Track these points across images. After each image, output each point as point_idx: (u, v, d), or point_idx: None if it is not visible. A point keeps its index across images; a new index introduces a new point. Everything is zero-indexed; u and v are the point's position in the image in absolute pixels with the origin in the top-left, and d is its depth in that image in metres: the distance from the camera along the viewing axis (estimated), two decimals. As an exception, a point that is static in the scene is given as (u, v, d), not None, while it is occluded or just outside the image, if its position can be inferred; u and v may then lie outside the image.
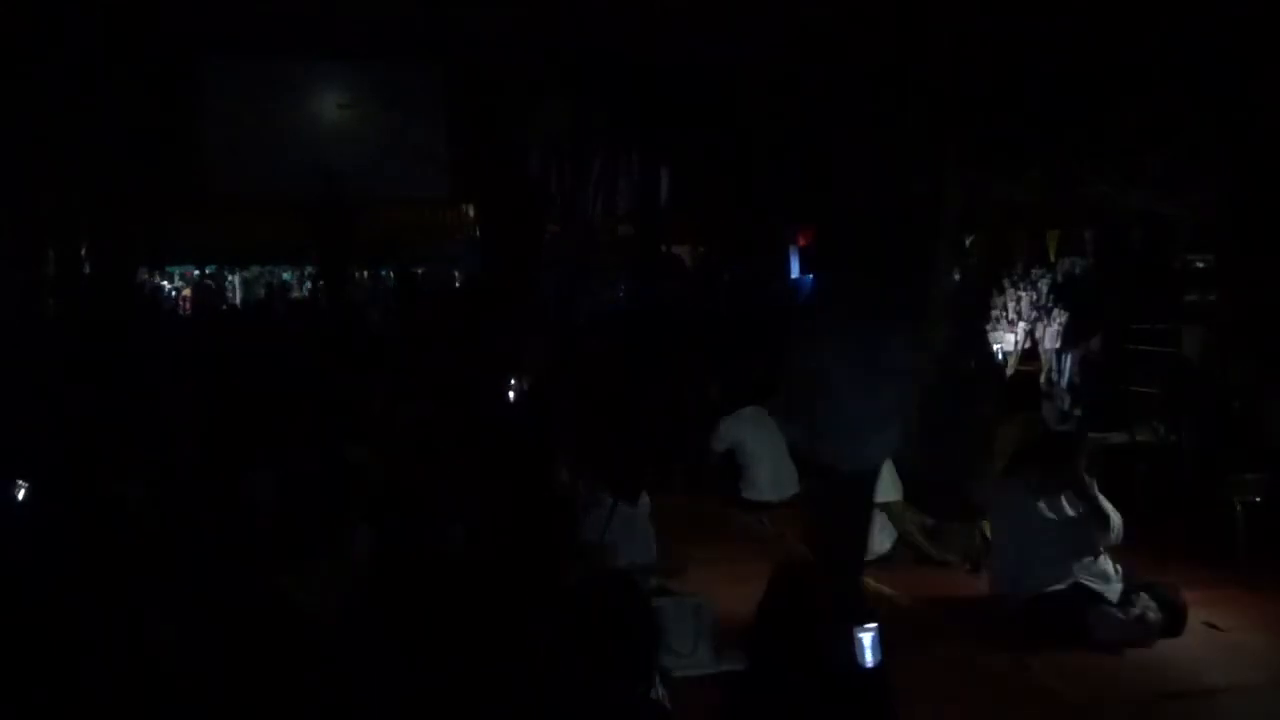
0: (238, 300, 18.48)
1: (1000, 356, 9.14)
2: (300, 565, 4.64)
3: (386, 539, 4.77)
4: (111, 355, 8.94)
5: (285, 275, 19.36)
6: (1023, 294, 9.12)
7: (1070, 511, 5.64)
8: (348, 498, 4.55)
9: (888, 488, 6.31)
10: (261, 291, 18.56)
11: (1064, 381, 9.34)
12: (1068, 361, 9.46)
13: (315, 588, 4.62)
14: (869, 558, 6.35)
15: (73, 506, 5.09)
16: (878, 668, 3.01)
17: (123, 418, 6.79)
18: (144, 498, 5.30)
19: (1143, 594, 5.53)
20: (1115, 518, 5.64)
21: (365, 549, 4.81)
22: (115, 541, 4.84)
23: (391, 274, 16.71)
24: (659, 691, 3.72)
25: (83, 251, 13.42)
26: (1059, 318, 9.05)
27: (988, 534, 6.15)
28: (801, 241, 16.22)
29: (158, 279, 17.71)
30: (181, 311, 17.09)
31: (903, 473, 6.74)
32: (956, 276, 10.05)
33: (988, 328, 9.21)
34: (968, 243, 10.16)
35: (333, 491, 4.79)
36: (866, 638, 2.98)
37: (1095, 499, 5.63)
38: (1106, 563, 5.62)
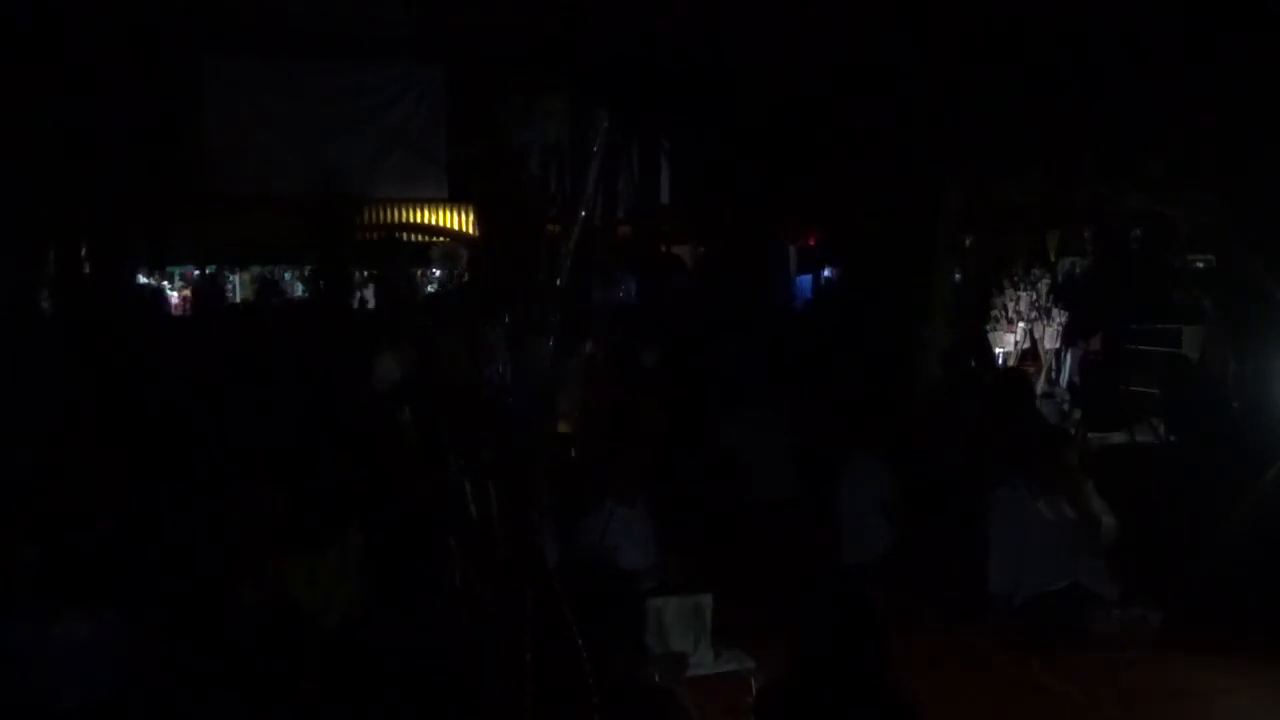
0: (238, 300, 18.46)
1: (1000, 358, 9.14)
2: (303, 564, 4.67)
3: (379, 539, 4.79)
4: (110, 356, 8.92)
5: (286, 275, 19.33)
6: (1022, 294, 9.11)
7: (1069, 512, 5.64)
8: (345, 499, 4.56)
9: None
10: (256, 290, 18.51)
11: (1064, 381, 9.32)
12: (1068, 361, 9.45)
13: (318, 586, 4.65)
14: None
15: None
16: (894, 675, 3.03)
17: (121, 420, 6.80)
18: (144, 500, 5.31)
19: (1142, 594, 5.53)
20: (1110, 521, 5.64)
21: (359, 549, 4.85)
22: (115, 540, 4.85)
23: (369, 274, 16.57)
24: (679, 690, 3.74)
25: (83, 252, 13.40)
26: (1059, 318, 9.03)
27: None
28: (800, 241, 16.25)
29: (158, 279, 17.69)
30: (181, 312, 17.06)
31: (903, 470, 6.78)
32: (957, 277, 10.07)
33: (987, 328, 9.21)
34: (968, 243, 10.17)
35: (332, 493, 4.81)
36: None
37: (1089, 503, 5.63)
38: (1106, 563, 5.62)
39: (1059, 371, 9.31)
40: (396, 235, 17.19)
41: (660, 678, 4.25)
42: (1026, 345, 9.12)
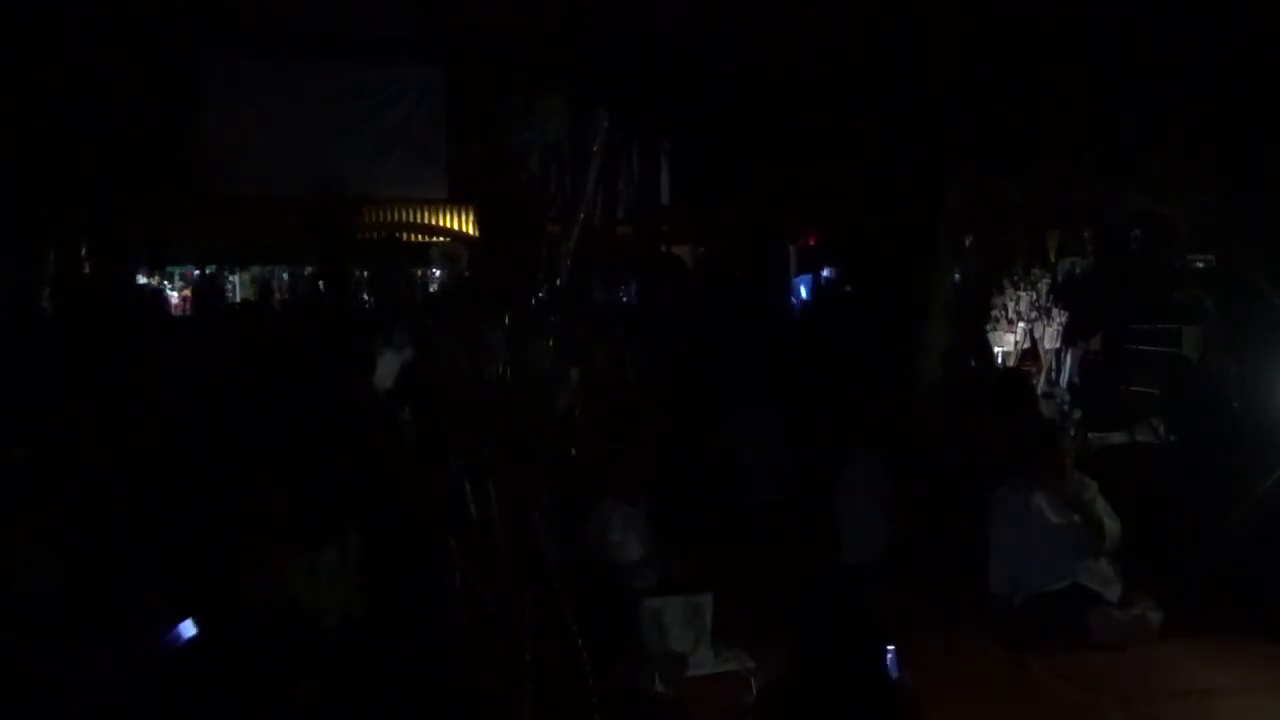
0: (238, 299, 18.46)
1: (1000, 357, 9.14)
2: (303, 564, 4.67)
3: (379, 539, 4.79)
4: (111, 356, 8.93)
5: (285, 275, 19.33)
6: (1022, 294, 9.11)
7: (1069, 512, 5.64)
8: (345, 498, 4.56)
9: None
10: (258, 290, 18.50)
11: (1064, 381, 9.33)
12: (1068, 361, 9.45)
13: (318, 585, 4.65)
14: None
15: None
16: (901, 683, 3.03)
17: (121, 421, 6.80)
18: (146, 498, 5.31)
19: (1142, 594, 5.53)
20: (1111, 523, 5.63)
21: (359, 549, 4.84)
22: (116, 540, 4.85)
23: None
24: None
25: (83, 252, 13.41)
26: (1059, 318, 9.03)
27: None
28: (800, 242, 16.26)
29: (158, 279, 17.69)
30: (181, 312, 17.07)
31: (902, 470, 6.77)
32: (957, 277, 10.07)
33: (987, 328, 9.21)
34: (968, 243, 10.17)
35: (332, 493, 4.81)
36: (890, 654, 3.02)
37: (1090, 504, 5.63)
38: (1106, 563, 5.61)
39: (1059, 371, 9.31)
40: (396, 235, 17.20)
41: (660, 678, 4.25)
42: (1026, 345, 9.12)
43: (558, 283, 3.14)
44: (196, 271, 18.53)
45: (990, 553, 5.77)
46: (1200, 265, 10.05)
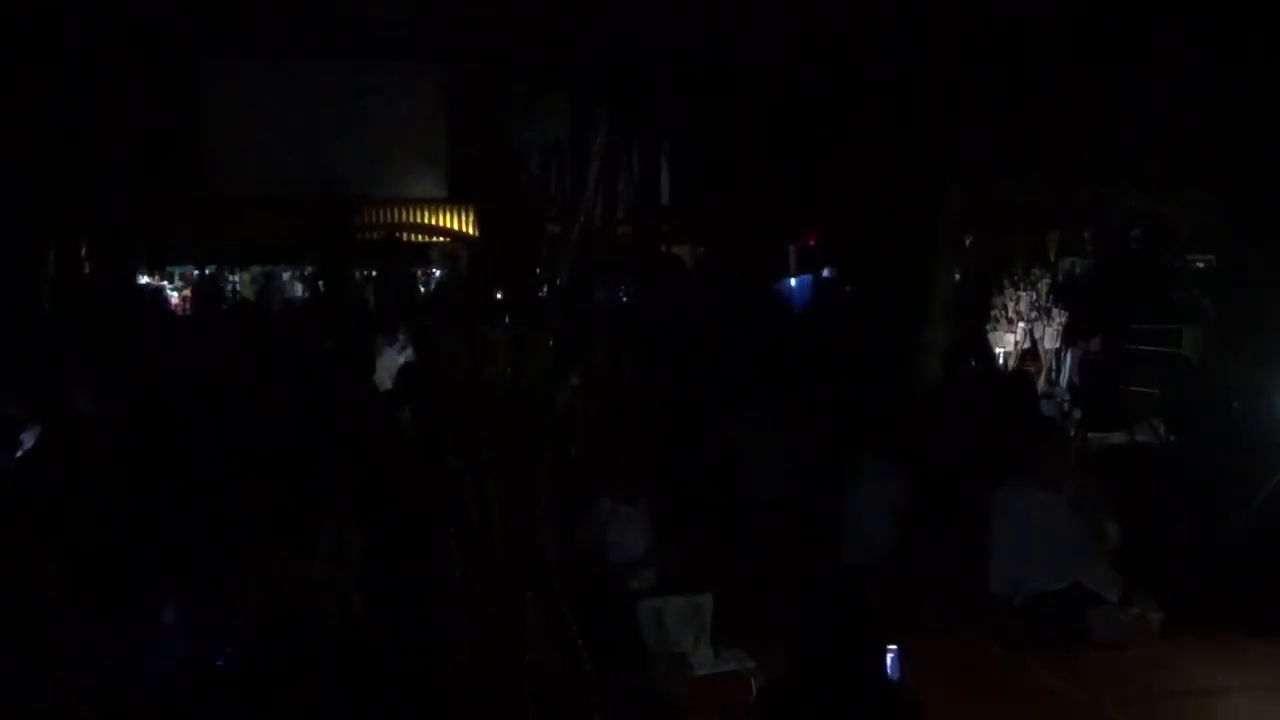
0: (239, 299, 18.45)
1: (1000, 357, 9.14)
2: (302, 564, 4.67)
3: (379, 539, 4.79)
4: (110, 356, 8.93)
5: (285, 275, 19.34)
6: (1022, 294, 9.11)
7: (1069, 512, 5.64)
8: (344, 498, 4.55)
9: None
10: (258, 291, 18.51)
11: (1064, 381, 9.32)
12: (1068, 361, 9.45)
13: (317, 585, 4.65)
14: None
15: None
16: (901, 684, 3.04)
17: (121, 421, 6.80)
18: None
19: (1142, 594, 5.53)
20: (1111, 523, 5.63)
21: (359, 548, 4.85)
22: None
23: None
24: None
25: (83, 252, 13.42)
26: (1059, 318, 9.03)
27: None
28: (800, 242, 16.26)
29: (158, 279, 17.69)
30: (181, 312, 17.07)
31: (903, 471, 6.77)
32: (957, 277, 10.07)
33: (987, 328, 9.20)
34: (968, 243, 10.17)
35: (331, 492, 4.80)
36: (892, 655, 3.02)
37: (1090, 504, 5.63)
38: (1106, 563, 5.61)
39: (1059, 371, 9.31)
40: (396, 235, 17.20)
41: (660, 678, 4.25)
42: (1026, 345, 9.12)
43: (558, 283, 3.14)
44: (196, 271, 18.53)
45: (990, 553, 5.77)
46: (1200, 265, 10.05)
